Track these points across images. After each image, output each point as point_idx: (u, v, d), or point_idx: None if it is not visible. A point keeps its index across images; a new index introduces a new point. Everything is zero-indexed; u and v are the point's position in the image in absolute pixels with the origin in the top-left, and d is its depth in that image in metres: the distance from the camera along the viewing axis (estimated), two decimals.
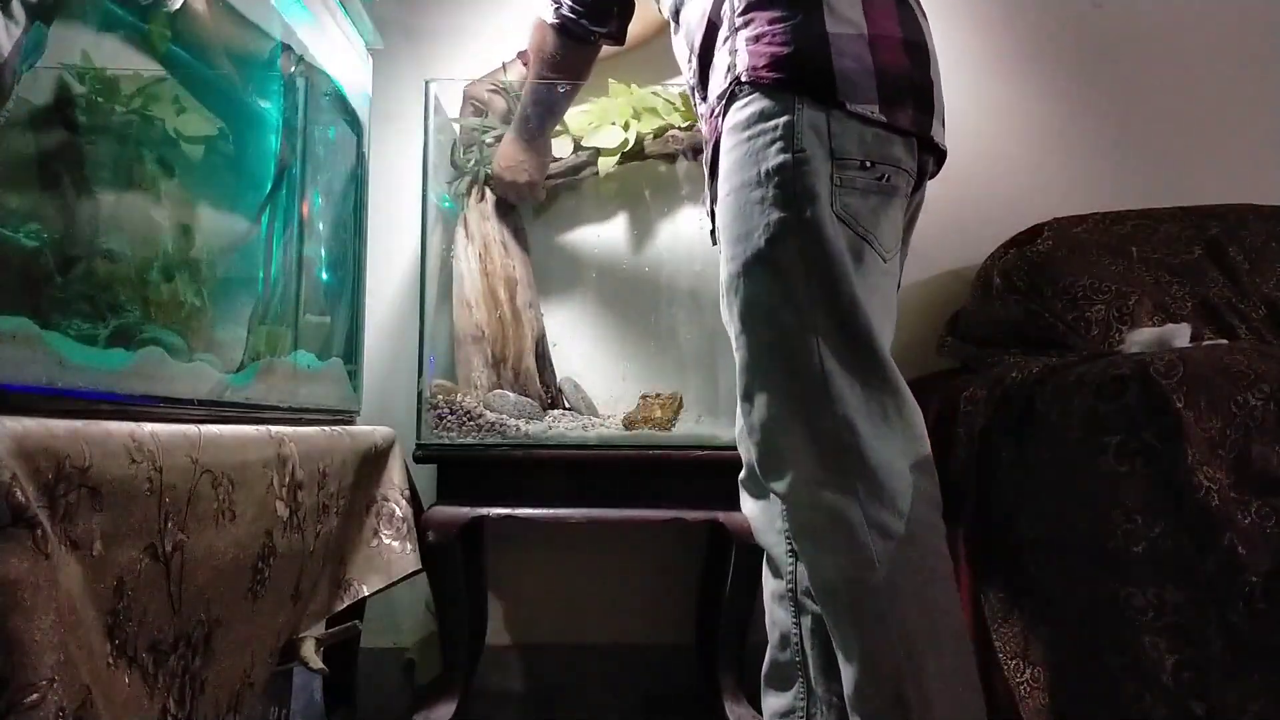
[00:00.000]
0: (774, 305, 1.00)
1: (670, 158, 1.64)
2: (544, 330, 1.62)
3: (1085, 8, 1.88)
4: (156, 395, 0.82)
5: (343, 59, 1.47)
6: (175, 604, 0.72)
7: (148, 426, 0.70)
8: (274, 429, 0.95)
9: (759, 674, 1.22)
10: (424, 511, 1.39)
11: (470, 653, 1.53)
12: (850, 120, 0.99)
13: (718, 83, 1.08)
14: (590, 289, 1.71)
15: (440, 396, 1.46)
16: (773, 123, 1.00)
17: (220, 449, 0.80)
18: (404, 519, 1.31)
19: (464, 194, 1.59)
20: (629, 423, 1.52)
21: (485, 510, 1.39)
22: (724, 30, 1.07)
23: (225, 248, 1.10)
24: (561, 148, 1.61)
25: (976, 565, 1.22)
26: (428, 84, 1.54)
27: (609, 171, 1.63)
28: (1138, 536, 0.97)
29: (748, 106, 1.03)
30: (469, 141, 1.60)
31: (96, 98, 0.89)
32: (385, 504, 1.31)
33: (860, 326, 0.98)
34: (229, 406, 0.98)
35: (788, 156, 0.98)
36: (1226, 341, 1.32)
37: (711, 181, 1.14)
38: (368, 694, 1.64)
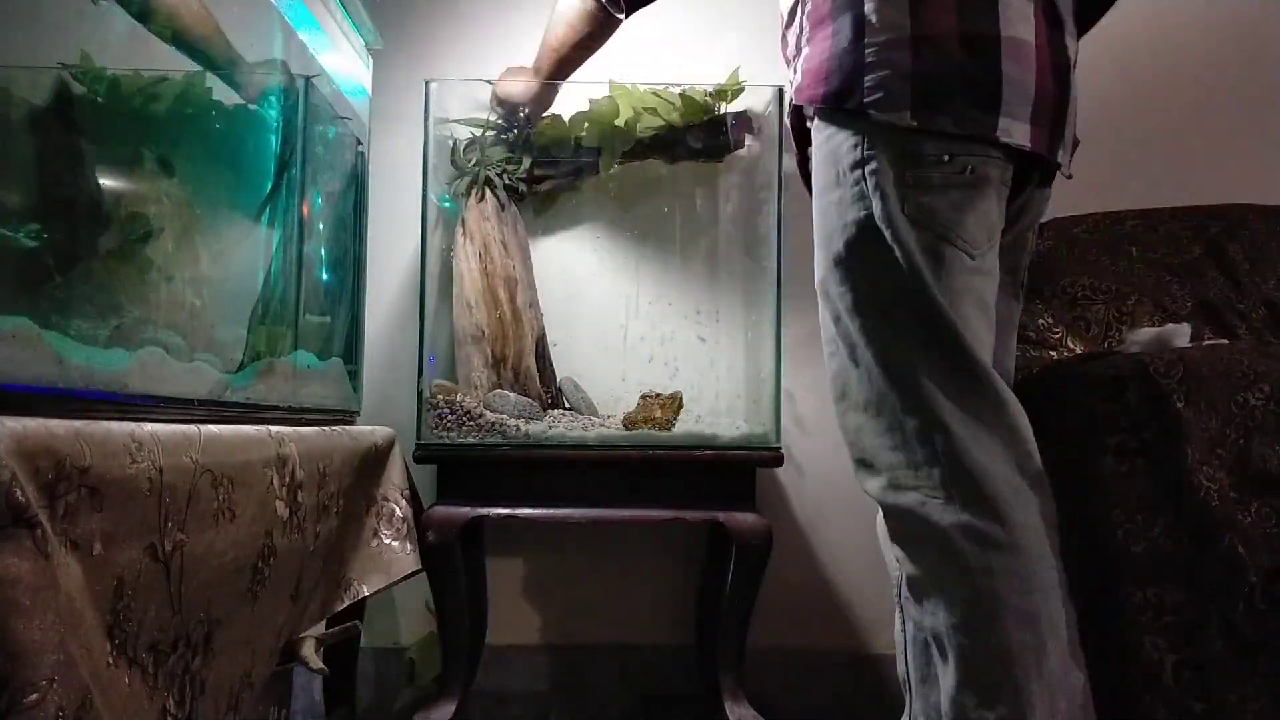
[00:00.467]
0: (853, 308, 1.00)
1: (671, 158, 1.64)
2: (544, 330, 1.62)
3: None
4: (157, 395, 0.82)
5: (343, 59, 1.47)
6: (175, 604, 0.72)
7: (148, 426, 0.70)
8: (274, 429, 0.95)
9: (759, 674, 1.20)
10: (424, 511, 1.38)
11: (470, 653, 1.53)
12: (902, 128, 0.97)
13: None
14: (590, 289, 1.71)
15: (440, 396, 1.46)
16: (847, 129, 1.01)
17: (220, 449, 0.80)
18: (404, 519, 1.31)
19: (464, 194, 1.59)
20: (629, 423, 1.52)
21: (485, 510, 1.39)
22: (795, 28, 1.09)
23: (225, 248, 1.10)
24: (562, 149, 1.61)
25: None
26: (428, 84, 1.54)
27: (609, 172, 1.63)
28: (1138, 536, 0.97)
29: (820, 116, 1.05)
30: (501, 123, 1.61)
31: (95, 97, 0.89)
32: (385, 504, 1.31)
33: (943, 329, 0.95)
34: (229, 406, 0.98)
35: (858, 155, 0.99)
36: (1226, 341, 1.32)
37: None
38: (368, 694, 1.64)
